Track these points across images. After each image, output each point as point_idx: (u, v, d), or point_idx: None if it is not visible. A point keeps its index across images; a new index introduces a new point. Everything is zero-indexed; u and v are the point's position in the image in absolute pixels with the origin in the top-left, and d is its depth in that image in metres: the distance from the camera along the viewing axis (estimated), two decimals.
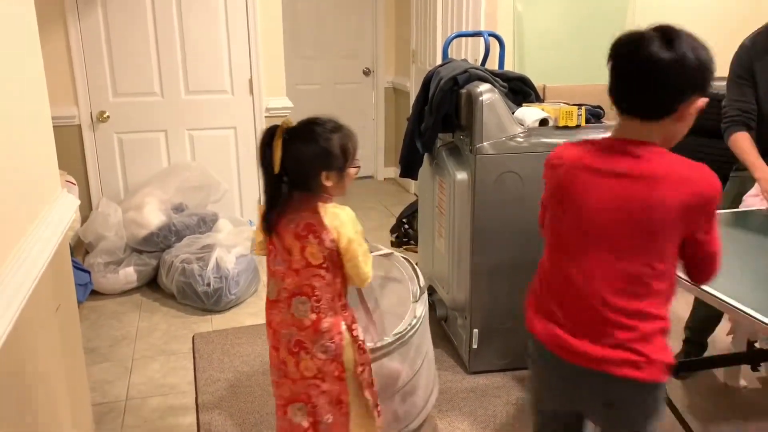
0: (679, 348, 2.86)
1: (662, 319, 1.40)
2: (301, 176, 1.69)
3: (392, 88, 5.93)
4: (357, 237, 1.72)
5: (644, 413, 1.44)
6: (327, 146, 1.68)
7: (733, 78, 2.52)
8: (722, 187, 1.43)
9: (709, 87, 1.37)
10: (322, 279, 1.73)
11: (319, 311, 1.75)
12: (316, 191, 1.72)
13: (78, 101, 3.86)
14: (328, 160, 1.68)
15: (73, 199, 1.99)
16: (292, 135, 1.66)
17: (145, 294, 3.62)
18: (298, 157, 1.66)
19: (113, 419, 2.49)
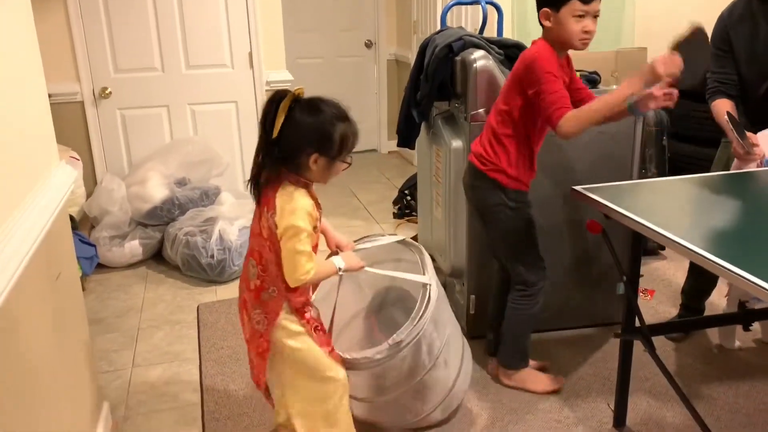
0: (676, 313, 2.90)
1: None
2: (292, 149, 1.65)
3: (394, 60, 5.91)
4: (296, 230, 1.65)
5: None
6: (329, 128, 1.65)
7: (714, 50, 2.52)
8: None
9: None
10: (268, 252, 1.73)
11: (263, 281, 1.76)
12: (299, 170, 1.69)
13: (80, 78, 3.90)
14: (324, 143, 1.65)
15: (71, 171, 2.03)
16: (300, 104, 1.64)
17: (151, 267, 3.68)
18: (297, 127, 1.63)
19: (120, 386, 2.57)
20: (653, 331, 2.12)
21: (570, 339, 2.79)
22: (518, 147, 2.20)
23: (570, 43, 2.06)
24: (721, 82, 2.55)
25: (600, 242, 2.44)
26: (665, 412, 2.29)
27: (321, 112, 1.65)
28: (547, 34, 2.10)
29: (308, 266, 1.69)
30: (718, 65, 2.55)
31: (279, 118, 1.60)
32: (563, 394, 2.40)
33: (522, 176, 2.23)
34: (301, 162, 1.67)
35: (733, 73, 2.53)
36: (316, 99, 1.68)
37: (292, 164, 1.68)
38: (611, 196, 2.00)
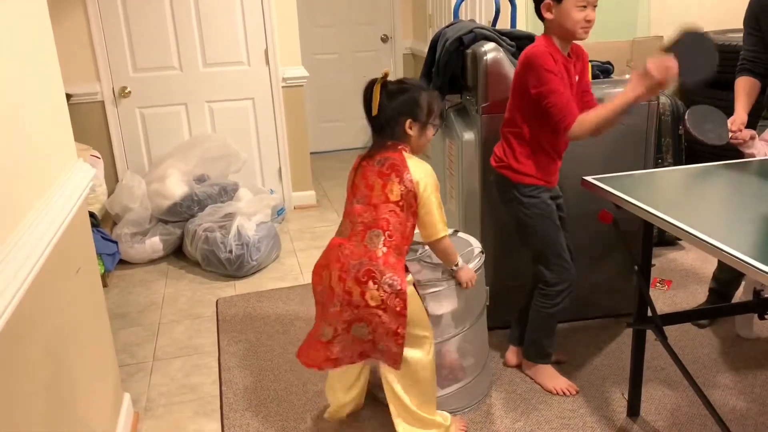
0: (695, 303, 2.88)
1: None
2: (390, 120, 1.91)
3: (411, 54, 5.92)
4: (434, 188, 1.92)
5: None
6: (416, 96, 1.93)
7: (745, 27, 2.61)
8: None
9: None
10: (396, 216, 1.91)
11: (390, 246, 1.91)
12: (399, 138, 1.94)
13: (100, 78, 3.98)
14: (415, 110, 1.92)
15: (90, 169, 2.08)
16: (389, 84, 1.92)
17: (171, 262, 3.75)
18: (391, 100, 1.91)
19: (141, 378, 2.63)
20: (665, 321, 2.12)
21: (586, 329, 2.79)
22: (521, 143, 2.21)
23: (573, 33, 2.06)
24: (749, 60, 2.57)
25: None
26: (680, 401, 2.29)
27: (407, 86, 1.95)
28: (550, 27, 2.11)
29: (444, 221, 1.98)
30: (749, 43, 2.58)
31: (375, 98, 1.90)
32: (577, 384, 2.40)
33: (530, 170, 2.22)
34: (400, 129, 1.93)
35: (762, 52, 2.54)
36: (400, 79, 1.99)
37: (393, 133, 1.93)
38: (622, 186, 2.01)
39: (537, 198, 2.25)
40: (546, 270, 2.28)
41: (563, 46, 2.12)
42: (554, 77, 2.03)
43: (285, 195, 4.48)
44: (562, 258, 2.28)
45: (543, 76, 2.04)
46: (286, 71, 4.22)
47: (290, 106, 4.33)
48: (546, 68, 2.03)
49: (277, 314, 3.06)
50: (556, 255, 2.27)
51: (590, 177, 2.11)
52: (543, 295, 2.32)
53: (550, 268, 2.28)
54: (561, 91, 2.04)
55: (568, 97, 2.05)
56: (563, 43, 2.12)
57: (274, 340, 2.83)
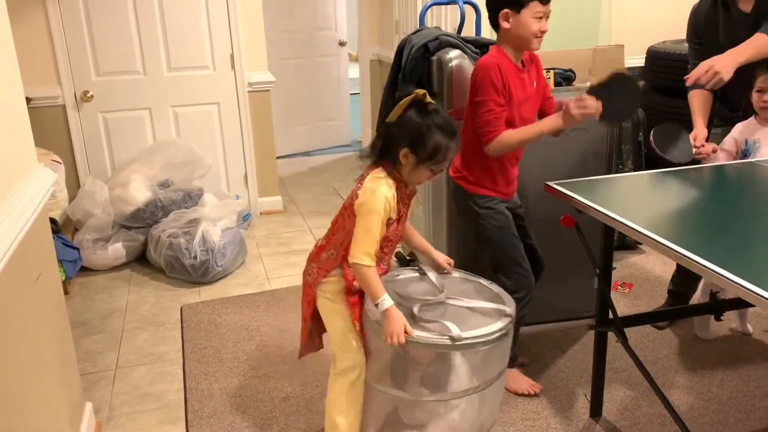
0: (654, 305, 2.95)
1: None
2: (393, 137, 1.79)
3: (377, 60, 5.94)
4: (369, 209, 1.76)
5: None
6: (425, 132, 1.75)
7: (688, 42, 2.71)
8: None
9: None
10: (342, 220, 1.89)
11: (327, 242, 1.92)
12: (394, 161, 1.81)
13: (61, 81, 3.91)
14: (417, 142, 1.75)
15: (50, 174, 2.04)
16: (419, 104, 1.77)
17: (135, 269, 3.70)
18: (404, 120, 1.78)
19: (103, 387, 2.58)
20: (626, 323, 2.17)
21: (550, 332, 2.83)
22: (476, 153, 2.21)
23: (529, 43, 2.08)
24: None
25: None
26: (641, 402, 2.34)
27: (428, 117, 1.76)
28: (505, 36, 2.12)
29: (369, 251, 1.77)
30: (693, 56, 2.65)
31: (397, 109, 1.77)
32: (541, 385, 2.44)
33: (485, 181, 2.24)
34: (396, 153, 1.78)
35: None
36: (432, 106, 1.79)
37: (390, 153, 1.81)
38: (584, 191, 2.05)
39: (492, 209, 2.26)
40: (504, 278, 2.26)
41: (516, 56, 2.13)
42: (493, 92, 2.07)
43: (251, 200, 4.45)
44: (521, 266, 2.29)
45: (483, 87, 2.08)
46: (252, 76, 4.21)
47: (256, 111, 4.30)
48: (489, 80, 2.07)
49: (243, 321, 3.03)
50: (514, 263, 2.28)
51: (553, 182, 2.15)
52: None
53: (508, 276, 2.27)
54: (493, 107, 2.08)
55: (498, 114, 2.09)
56: (516, 53, 2.13)
57: (240, 347, 2.81)
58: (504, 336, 1.78)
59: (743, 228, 1.77)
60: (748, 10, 2.42)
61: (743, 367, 2.53)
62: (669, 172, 2.31)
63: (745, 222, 1.82)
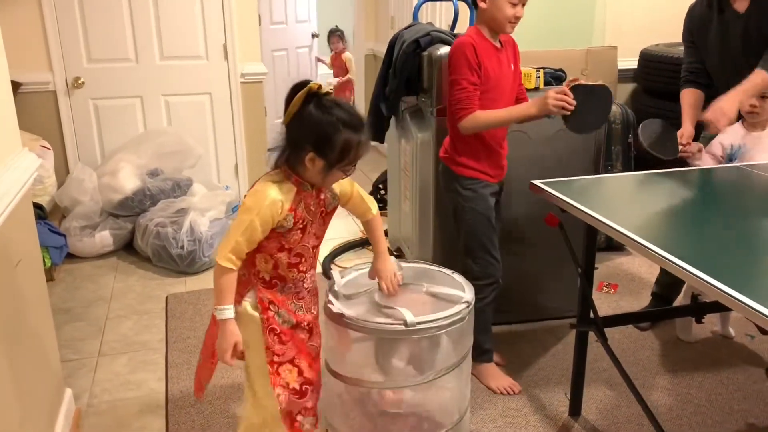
0: (638, 306, 2.96)
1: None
2: (293, 140, 1.59)
3: (372, 55, 5.93)
4: (244, 211, 1.58)
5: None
6: (331, 131, 1.54)
7: (684, 41, 2.71)
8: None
9: None
10: None
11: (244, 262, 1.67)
12: (295, 165, 1.61)
13: (52, 67, 3.88)
14: (323, 145, 1.55)
15: (35, 158, 2.04)
16: (315, 99, 1.55)
17: (122, 257, 3.69)
18: (302, 120, 1.55)
19: (85, 374, 2.58)
20: (606, 323, 2.18)
21: (532, 331, 2.84)
22: (461, 135, 2.24)
23: (502, 26, 2.13)
24: (691, 71, 2.67)
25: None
26: (620, 402, 2.35)
27: (329, 113, 1.54)
28: (481, 16, 2.17)
29: (230, 253, 1.58)
30: (688, 55, 2.68)
31: (292, 106, 1.55)
32: (522, 384, 2.45)
33: (470, 162, 2.27)
34: (299, 157, 1.58)
35: (700, 63, 2.64)
36: (331, 99, 1.58)
37: (291, 156, 1.61)
38: (569, 191, 2.05)
39: (475, 192, 2.29)
40: (473, 263, 2.33)
41: (493, 36, 2.18)
42: (466, 70, 2.11)
43: (241, 192, 4.44)
44: (490, 254, 2.33)
45: (456, 66, 2.13)
46: (245, 67, 4.19)
47: (248, 103, 4.29)
48: (463, 59, 2.12)
49: None
50: (484, 250, 2.32)
51: (538, 181, 2.16)
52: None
53: (477, 262, 2.33)
54: (465, 85, 2.13)
55: (471, 93, 2.14)
56: (492, 34, 2.18)
57: None
58: (458, 321, 1.80)
59: (726, 232, 1.78)
60: (742, 10, 2.43)
61: (723, 370, 2.54)
62: (654, 174, 2.32)
63: (728, 227, 1.83)
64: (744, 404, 2.34)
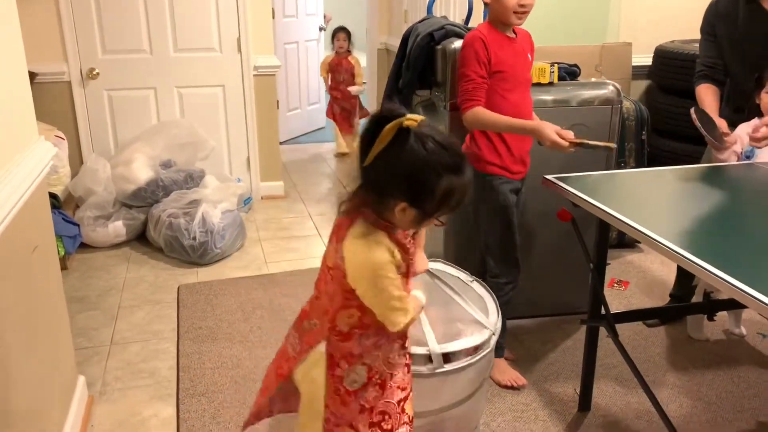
0: (650, 304, 2.95)
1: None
2: (380, 187, 1.29)
3: (385, 49, 5.93)
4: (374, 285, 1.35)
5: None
6: (432, 179, 1.25)
7: (702, 35, 2.64)
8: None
9: None
10: (326, 283, 1.47)
11: (311, 307, 1.57)
12: (382, 212, 1.32)
13: (67, 58, 3.91)
14: (420, 194, 1.27)
15: (51, 147, 2.05)
16: (408, 136, 1.25)
17: (134, 247, 3.71)
18: (393, 165, 1.26)
19: (97, 362, 2.60)
20: (617, 319, 2.17)
21: (543, 326, 2.84)
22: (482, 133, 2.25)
23: (507, 17, 2.11)
24: (708, 66, 2.62)
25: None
26: (629, 398, 2.35)
27: (427, 154, 1.25)
28: (490, 12, 2.18)
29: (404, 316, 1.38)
30: (705, 49, 2.64)
31: (377, 146, 1.25)
32: (531, 378, 2.45)
33: (492, 158, 2.25)
34: (387, 205, 1.30)
35: (719, 58, 2.60)
36: (429, 134, 1.26)
37: (375, 203, 1.32)
38: (582, 186, 2.05)
39: (494, 190, 2.27)
40: (492, 261, 2.34)
41: (505, 29, 2.19)
42: (475, 64, 2.12)
43: (253, 184, 4.46)
44: (509, 254, 2.33)
45: (465, 60, 2.15)
46: (258, 59, 4.21)
47: (261, 95, 4.31)
48: (471, 53, 2.13)
49: (239, 303, 3.05)
50: (503, 249, 2.33)
51: (551, 176, 2.15)
52: (490, 285, 2.27)
53: (496, 260, 2.34)
54: (473, 77, 2.14)
55: (478, 85, 2.15)
56: (504, 27, 2.18)
57: (235, 328, 2.82)
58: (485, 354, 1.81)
59: (741, 229, 1.77)
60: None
61: (734, 369, 2.53)
62: (668, 170, 2.31)
63: (743, 224, 1.82)
64: (755, 402, 2.33)
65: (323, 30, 6.39)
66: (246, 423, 1.79)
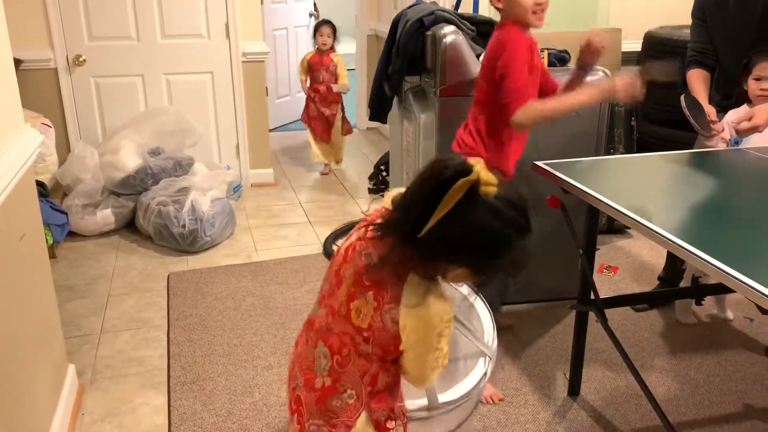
0: (639, 289, 2.97)
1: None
2: (435, 252, 1.12)
3: (374, 35, 5.89)
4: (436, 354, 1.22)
5: None
6: (501, 248, 1.12)
7: (693, 19, 2.65)
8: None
9: None
10: (358, 344, 1.25)
11: (336, 380, 1.27)
12: (427, 266, 1.17)
13: (53, 45, 3.86)
14: (484, 262, 1.14)
15: (37, 134, 2.03)
16: (475, 197, 1.07)
17: (123, 235, 3.69)
18: (459, 232, 1.08)
19: (87, 351, 2.59)
20: (606, 304, 2.19)
21: (533, 312, 2.86)
22: (491, 130, 2.13)
23: (525, 19, 1.99)
24: (698, 51, 2.63)
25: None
26: (618, 382, 2.37)
27: (501, 222, 1.10)
28: (506, 16, 2.04)
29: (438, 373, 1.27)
30: (696, 34, 2.64)
31: (440, 211, 1.06)
32: (521, 364, 2.47)
33: (495, 161, 2.11)
34: (438, 268, 1.17)
35: (709, 43, 2.60)
36: (501, 198, 1.11)
37: (425, 265, 1.17)
38: (572, 172, 2.05)
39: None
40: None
41: (526, 31, 2.06)
42: (521, 62, 1.98)
43: (242, 172, 4.44)
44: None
45: (512, 61, 1.97)
46: (247, 46, 4.17)
47: (250, 82, 4.28)
48: (518, 53, 1.98)
49: (230, 290, 3.04)
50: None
51: (541, 162, 2.16)
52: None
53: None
54: (520, 76, 1.99)
55: (526, 84, 2.02)
56: (526, 29, 2.05)
57: (225, 316, 2.82)
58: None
59: (729, 215, 1.78)
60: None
61: (721, 352, 2.56)
62: (657, 156, 2.32)
63: (731, 209, 1.83)
64: (741, 385, 2.36)
65: (313, 16, 6.33)
66: None
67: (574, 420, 2.19)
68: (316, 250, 3.47)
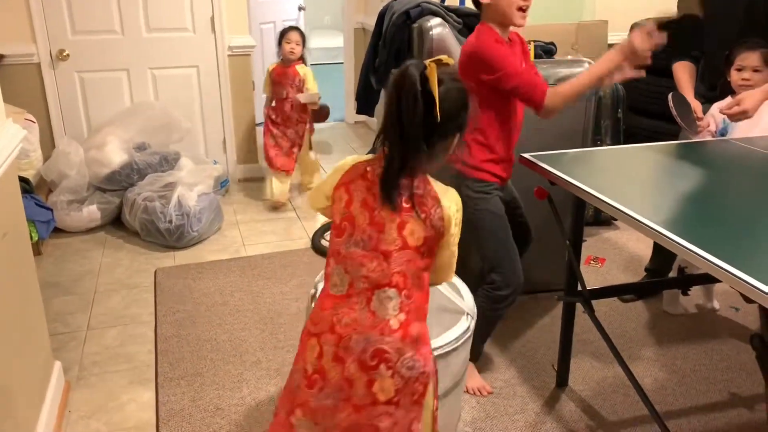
0: (626, 280, 2.99)
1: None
2: (444, 131, 1.33)
3: (362, 29, 5.87)
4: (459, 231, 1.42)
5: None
6: (468, 102, 1.36)
7: (678, 12, 2.65)
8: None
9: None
10: (414, 265, 1.36)
11: (409, 310, 1.36)
12: (436, 158, 1.36)
13: (36, 39, 3.81)
14: (463, 119, 1.36)
15: (19, 130, 2.01)
16: (446, 75, 1.30)
17: (110, 232, 3.66)
18: (453, 102, 1.31)
19: (74, 347, 2.57)
20: (593, 295, 2.20)
21: (521, 304, 2.83)
22: (475, 135, 2.07)
23: (510, 18, 1.96)
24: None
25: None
26: (606, 373, 2.39)
27: (463, 84, 1.35)
28: (487, 13, 2.01)
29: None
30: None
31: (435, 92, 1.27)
32: (510, 356, 2.48)
33: (484, 164, 2.11)
34: (444, 147, 1.37)
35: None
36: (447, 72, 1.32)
37: (432, 153, 1.34)
38: (559, 164, 2.06)
39: (489, 194, 2.13)
40: (493, 273, 2.15)
41: (503, 32, 2.02)
42: (507, 57, 1.96)
43: (229, 167, 4.41)
44: (513, 260, 2.15)
45: (495, 61, 1.95)
46: (233, 40, 4.14)
47: (236, 76, 4.25)
48: (495, 52, 1.95)
49: (217, 286, 3.03)
50: (509, 256, 2.15)
51: (528, 154, 2.16)
52: (487, 296, 2.17)
53: (497, 271, 2.15)
54: (519, 70, 1.96)
55: (530, 72, 1.99)
56: (502, 30, 2.02)
57: (213, 312, 2.81)
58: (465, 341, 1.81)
59: (715, 205, 1.79)
60: None
61: (708, 342, 2.58)
62: (644, 147, 2.33)
63: (717, 199, 1.84)
64: (727, 374, 2.38)
65: (302, 10, 6.28)
66: None
67: (563, 411, 2.20)
68: (304, 244, 3.46)
